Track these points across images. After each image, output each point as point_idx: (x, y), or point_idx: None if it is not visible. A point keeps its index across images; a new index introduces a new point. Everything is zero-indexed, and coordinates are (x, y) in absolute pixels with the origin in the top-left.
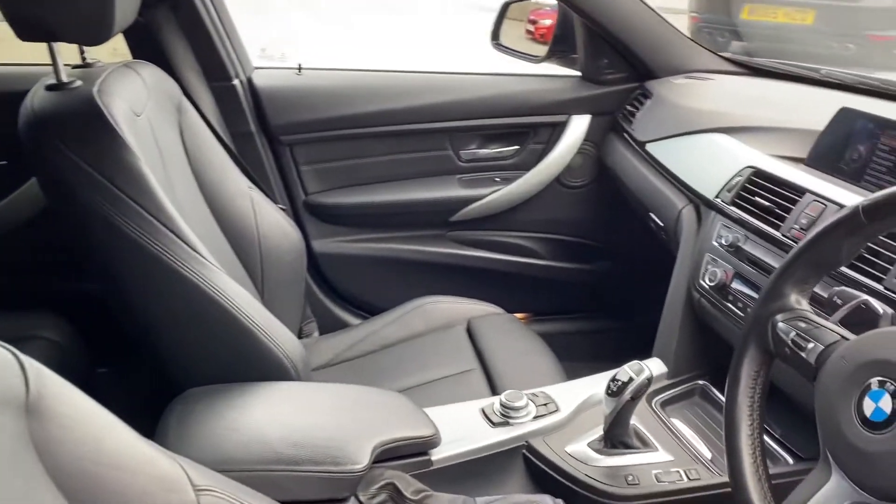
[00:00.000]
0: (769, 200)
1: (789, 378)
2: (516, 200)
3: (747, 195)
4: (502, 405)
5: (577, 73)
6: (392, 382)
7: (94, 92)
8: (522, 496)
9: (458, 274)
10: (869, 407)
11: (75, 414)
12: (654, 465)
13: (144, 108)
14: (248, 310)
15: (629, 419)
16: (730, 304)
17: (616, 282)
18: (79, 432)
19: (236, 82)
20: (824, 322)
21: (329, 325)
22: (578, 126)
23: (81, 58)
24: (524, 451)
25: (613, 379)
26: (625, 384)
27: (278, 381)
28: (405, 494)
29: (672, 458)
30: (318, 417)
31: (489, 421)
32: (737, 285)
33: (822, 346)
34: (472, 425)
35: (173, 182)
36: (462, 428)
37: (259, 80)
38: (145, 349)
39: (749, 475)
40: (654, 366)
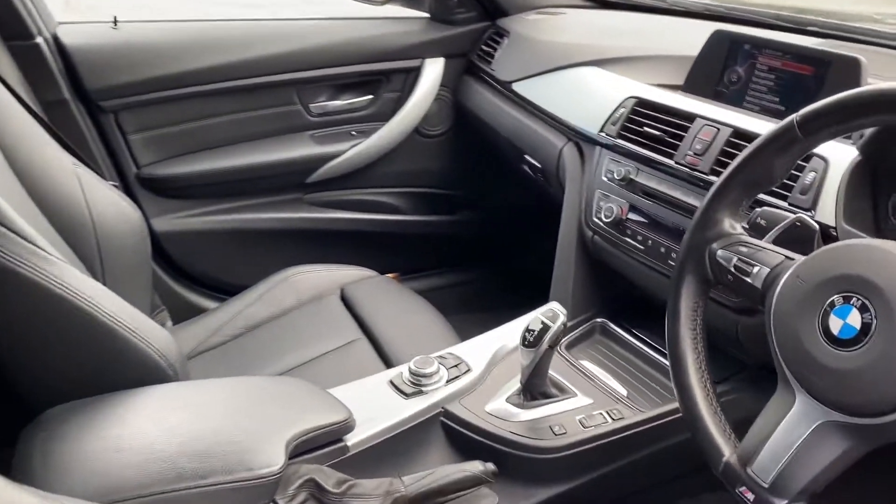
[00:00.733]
0: (658, 129)
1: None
2: (375, 155)
3: (634, 126)
4: (412, 373)
5: (425, 15)
6: (270, 366)
7: None
8: (451, 466)
9: (321, 239)
10: (836, 324)
11: None
12: (575, 410)
13: None
14: (107, 305)
15: (547, 368)
16: (628, 239)
17: (487, 230)
18: None
19: (39, 40)
20: (764, 244)
21: (182, 312)
22: (433, 70)
23: None
24: (442, 419)
25: (528, 329)
26: (541, 333)
27: (156, 384)
28: (327, 488)
29: (592, 401)
30: (217, 420)
31: (401, 392)
32: (634, 218)
33: (768, 269)
34: (384, 400)
35: None
36: (373, 405)
37: (67, 37)
38: None
39: (705, 411)
40: (556, 309)
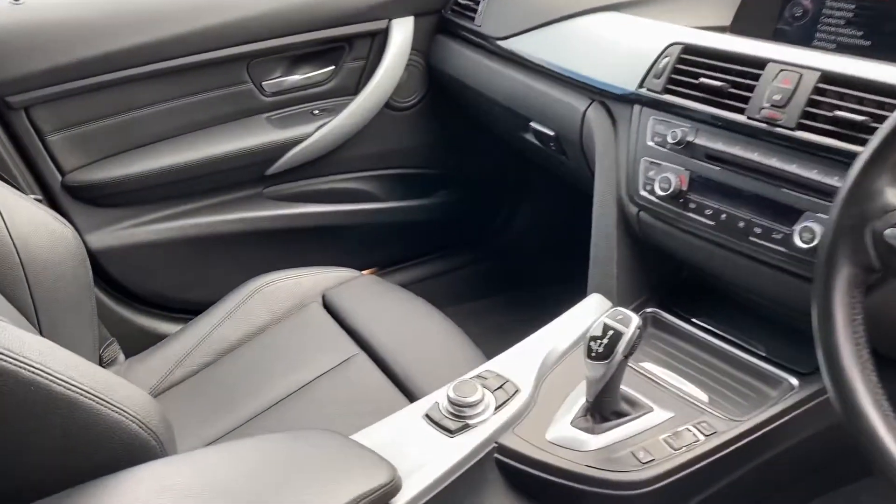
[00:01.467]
0: (719, 80)
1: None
2: (345, 136)
3: (685, 78)
4: (452, 403)
5: None
6: (257, 399)
7: None
8: None
9: (289, 239)
10: None
11: None
12: (657, 429)
13: None
14: (60, 369)
15: (620, 383)
16: (692, 214)
17: (468, 210)
18: None
19: None
20: None
21: (135, 342)
22: (401, 31)
23: None
24: (496, 455)
25: (593, 338)
26: (613, 341)
27: (139, 463)
28: None
29: (672, 415)
30: None
31: (444, 430)
32: (697, 188)
33: None
34: (427, 444)
35: None
36: (415, 450)
37: None
38: None
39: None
40: (597, 303)
